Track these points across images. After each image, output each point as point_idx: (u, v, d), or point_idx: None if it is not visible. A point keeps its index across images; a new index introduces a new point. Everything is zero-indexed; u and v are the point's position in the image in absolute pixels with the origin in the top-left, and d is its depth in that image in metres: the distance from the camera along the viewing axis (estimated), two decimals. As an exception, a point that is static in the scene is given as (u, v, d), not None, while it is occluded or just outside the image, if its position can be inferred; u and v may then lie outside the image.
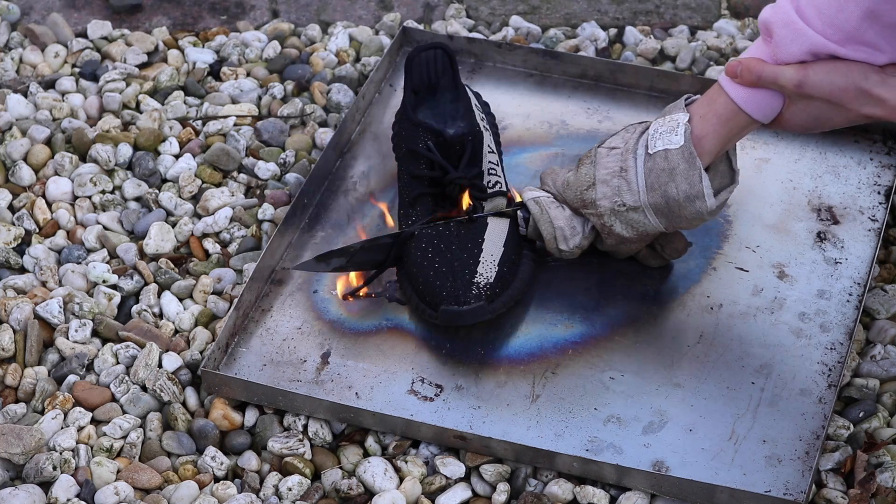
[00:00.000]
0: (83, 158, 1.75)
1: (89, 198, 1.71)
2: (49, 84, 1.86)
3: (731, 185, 1.48)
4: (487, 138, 1.60)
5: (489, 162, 1.58)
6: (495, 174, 1.59)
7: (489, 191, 1.56)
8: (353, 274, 1.57)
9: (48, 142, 1.77)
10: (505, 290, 1.51)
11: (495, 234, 1.53)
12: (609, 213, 1.48)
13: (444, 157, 1.55)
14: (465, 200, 1.55)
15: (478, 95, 1.67)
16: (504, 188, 1.59)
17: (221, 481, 1.43)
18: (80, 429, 1.47)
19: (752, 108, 1.42)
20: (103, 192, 1.71)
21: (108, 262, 1.64)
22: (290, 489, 1.42)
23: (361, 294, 1.57)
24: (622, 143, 1.49)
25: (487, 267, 1.51)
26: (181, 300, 1.60)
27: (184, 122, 1.80)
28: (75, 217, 1.69)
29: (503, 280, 1.51)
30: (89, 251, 1.66)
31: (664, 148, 1.45)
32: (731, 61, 1.43)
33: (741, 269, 1.58)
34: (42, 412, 1.49)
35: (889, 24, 1.35)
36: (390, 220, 1.63)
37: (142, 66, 1.89)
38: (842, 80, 1.37)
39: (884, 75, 1.37)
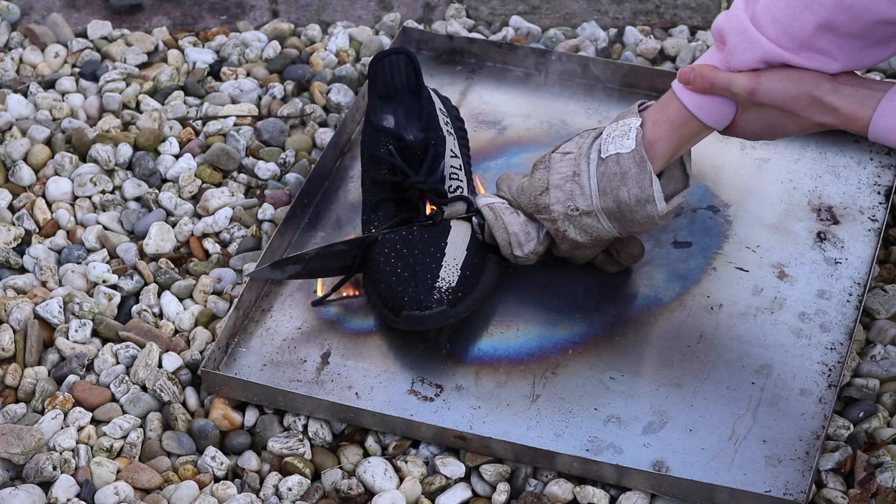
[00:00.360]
0: (83, 158, 1.75)
1: (89, 198, 1.71)
2: (49, 84, 1.86)
3: (684, 189, 1.48)
4: (451, 143, 1.60)
5: (451, 167, 1.58)
6: (457, 179, 1.59)
7: (450, 196, 1.56)
8: (319, 281, 1.57)
9: (48, 142, 1.77)
10: (468, 293, 1.51)
11: (458, 237, 1.53)
12: (563, 218, 1.48)
13: (405, 161, 1.56)
14: (429, 206, 1.55)
15: (445, 100, 1.67)
16: (466, 193, 1.59)
17: (221, 481, 1.43)
18: (80, 429, 1.47)
19: (704, 114, 1.43)
20: (103, 192, 1.71)
21: (108, 262, 1.64)
22: (290, 489, 1.42)
23: (334, 296, 1.56)
24: (576, 147, 1.49)
25: (450, 271, 1.51)
26: (181, 300, 1.60)
27: (184, 122, 1.80)
28: (75, 217, 1.69)
29: (466, 284, 1.51)
30: (89, 251, 1.66)
31: (616, 152, 1.45)
32: (684, 68, 1.43)
33: (741, 269, 1.58)
34: (42, 412, 1.49)
35: (844, 35, 1.35)
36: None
37: (142, 66, 1.89)
38: (794, 88, 1.38)
39: (836, 83, 1.37)
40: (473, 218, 1.55)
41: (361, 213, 1.60)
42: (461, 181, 1.59)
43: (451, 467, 1.43)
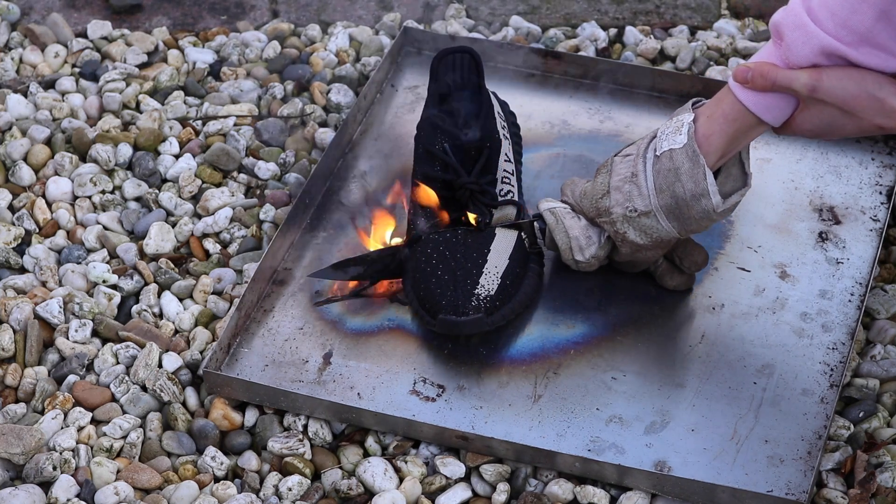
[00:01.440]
0: (83, 158, 1.75)
1: (89, 198, 1.70)
2: (49, 84, 1.86)
3: (742, 188, 1.47)
4: (506, 146, 1.59)
5: (504, 171, 1.57)
6: (509, 183, 1.58)
7: (500, 199, 1.56)
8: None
9: (48, 142, 1.77)
10: (506, 303, 1.50)
11: (502, 245, 1.53)
12: (622, 220, 1.47)
13: (459, 161, 1.55)
14: (471, 217, 1.54)
15: (504, 104, 1.66)
16: (516, 198, 1.58)
17: (221, 481, 1.43)
18: (80, 429, 1.47)
19: (758, 108, 1.41)
20: (103, 192, 1.71)
21: (108, 262, 1.64)
22: (290, 489, 1.41)
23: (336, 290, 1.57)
24: (635, 149, 1.48)
25: (490, 279, 1.50)
26: (181, 300, 1.60)
27: (184, 122, 1.80)
28: (75, 217, 1.69)
29: (505, 293, 1.50)
30: (89, 251, 1.66)
31: (669, 148, 1.44)
32: (740, 66, 1.41)
33: (743, 270, 1.58)
34: (42, 412, 1.49)
35: None
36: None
37: (142, 66, 1.89)
38: (855, 88, 1.36)
39: None
40: (535, 223, 1.54)
41: (408, 209, 1.60)
42: (512, 186, 1.58)
43: (451, 467, 1.43)
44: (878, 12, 1.33)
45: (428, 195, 1.56)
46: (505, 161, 1.58)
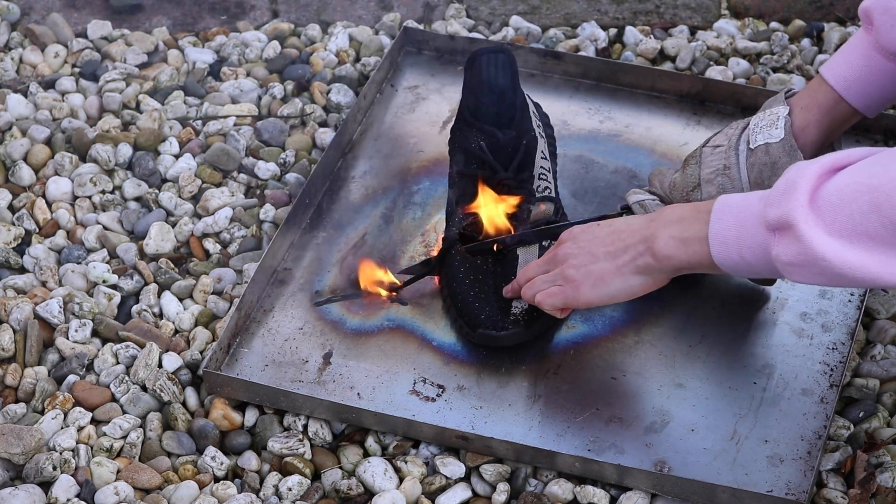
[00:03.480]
0: (83, 158, 1.75)
1: (89, 198, 1.71)
2: (49, 84, 1.86)
3: None
4: (542, 144, 1.59)
5: (541, 167, 1.57)
6: (546, 180, 1.58)
7: (538, 195, 1.56)
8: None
9: (48, 142, 1.77)
10: (543, 314, 1.50)
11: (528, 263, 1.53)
12: None
13: (495, 158, 1.55)
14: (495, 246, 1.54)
15: (537, 105, 1.66)
16: (553, 194, 1.58)
17: (221, 481, 1.43)
18: (80, 429, 1.47)
19: (854, 97, 1.41)
20: (103, 192, 1.71)
21: (108, 262, 1.64)
22: (290, 489, 1.41)
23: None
24: (725, 140, 1.47)
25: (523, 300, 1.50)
26: (181, 300, 1.60)
27: (184, 122, 1.80)
28: (75, 217, 1.69)
29: None
30: (89, 251, 1.66)
31: (765, 142, 1.43)
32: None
33: (742, 269, 1.58)
34: (42, 412, 1.49)
35: None
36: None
37: (142, 66, 1.89)
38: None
39: None
40: (624, 215, 1.53)
41: (446, 206, 1.59)
42: (549, 183, 1.58)
43: (451, 467, 1.43)
44: None
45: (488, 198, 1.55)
46: (541, 158, 1.58)
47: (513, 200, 1.54)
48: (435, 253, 1.57)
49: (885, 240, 1.17)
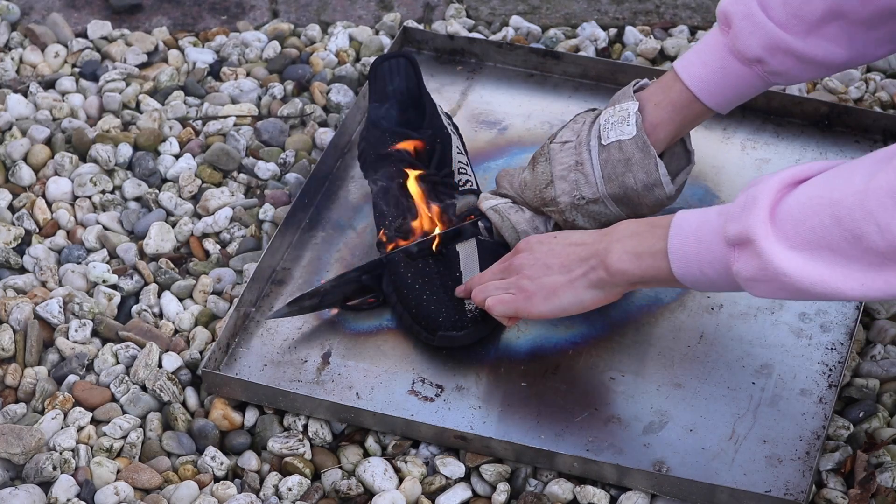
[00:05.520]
0: (83, 158, 1.75)
1: (89, 198, 1.71)
2: (49, 84, 1.86)
3: (687, 165, 1.48)
4: (455, 140, 1.62)
5: (459, 162, 1.59)
6: (465, 173, 1.59)
7: (460, 188, 1.57)
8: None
9: (48, 142, 1.77)
10: None
11: (469, 260, 1.53)
12: (570, 208, 1.47)
13: (413, 159, 1.56)
14: (435, 241, 1.55)
15: (439, 107, 1.67)
16: (475, 187, 1.59)
17: (221, 481, 1.43)
18: (80, 429, 1.47)
19: (707, 96, 1.42)
20: (103, 192, 1.71)
21: (108, 262, 1.64)
22: (290, 489, 1.41)
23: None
24: (574, 136, 1.48)
25: None
26: (181, 300, 1.60)
27: (184, 122, 1.80)
28: (75, 217, 1.69)
29: None
30: (89, 251, 1.66)
31: (617, 139, 1.44)
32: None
33: (741, 270, 1.58)
34: (42, 412, 1.49)
35: (853, 23, 1.34)
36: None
37: (142, 66, 1.89)
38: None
39: None
40: (479, 222, 1.55)
41: (373, 210, 1.60)
42: (469, 175, 1.60)
43: (451, 467, 1.43)
44: (830, 4, 1.33)
45: (414, 188, 1.56)
46: (458, 153, 1.60)
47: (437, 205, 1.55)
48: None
49: (846, 253, 1.16)
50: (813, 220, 1.17)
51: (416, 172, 1.56)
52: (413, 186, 1.56)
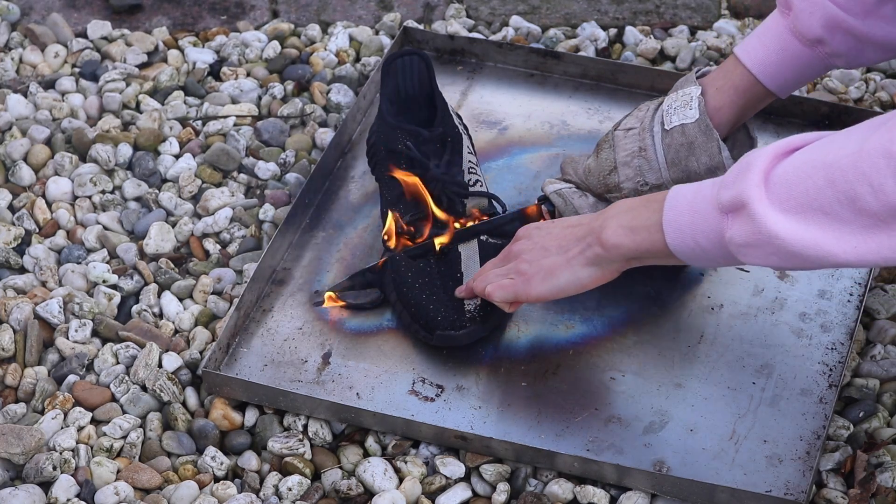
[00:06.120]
0: (83, 158, 1.75)
1: (89, 198, 1.71)
2: (49, 84, 1.86)
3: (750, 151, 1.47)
4: (466, 140, 1.61)
5: (469, 161, 1.59)
6: (475, 174, 1.59)
7: (470, 189, 1.57)
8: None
9: (48, 142, 1.77)
10: (496, 307, 1.50)
11: (470, 262, 1.54)
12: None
13: (424, 156, 1.56)
14: (437, 241, 1.55)
15: (451, 107, 1.67)
16: (485, 188, 1.59)
17: (221, 481, 1.43)
18: (80, 429, 1.47)
19: (769, 80, 1.42)
20: (103, 192, 1.71)
21: (108, 262, 1.64)
22: (290, 489, 1.41)
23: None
24: (638, 123, 1.48)
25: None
26: (181, 300, 1.60)
27: (184, 122, 1.80)
28: (75, 217, 1.69)
29: None
30: (89, 251, 1.66)
31: (680, 123, 1.44)
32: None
33: (742, 270, 1.58)
34: (42, 412, 1.49)
35: None
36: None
37: (142, 66, 1.89)
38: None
39: None
40: (542, 206, 1.54)
41: (380, 208, 1.60)
42: (479, 176, 1.59)
43: (451, 467, 1.43)
44: None
45: (411, 183, 1.56)
46: (468, 153, 1.60)
47: (436, 242, 1.55)
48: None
49: (839, 216, 1.16)
50: (806, 182, 1.17)
51: (426, 171, 1.56)
52: (422, 186, 1.55)
